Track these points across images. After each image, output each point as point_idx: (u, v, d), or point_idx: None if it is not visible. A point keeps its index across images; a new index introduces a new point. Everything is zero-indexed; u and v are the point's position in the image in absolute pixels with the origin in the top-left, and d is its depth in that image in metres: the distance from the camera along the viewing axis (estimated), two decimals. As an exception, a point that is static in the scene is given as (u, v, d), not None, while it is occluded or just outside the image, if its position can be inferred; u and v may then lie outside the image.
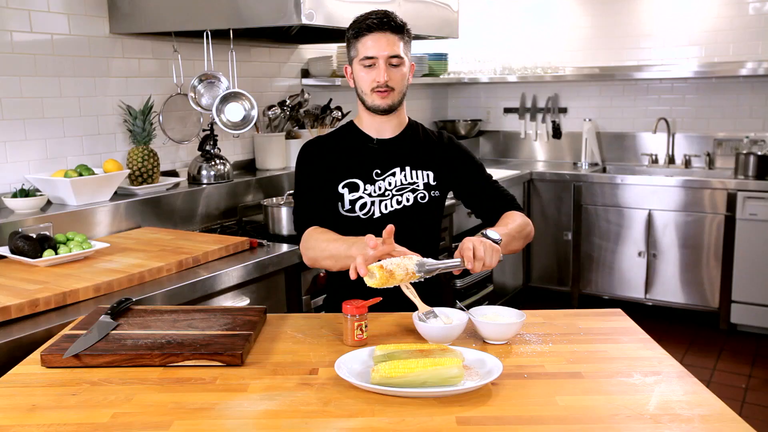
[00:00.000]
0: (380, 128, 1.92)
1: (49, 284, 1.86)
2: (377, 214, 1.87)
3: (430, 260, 1.55)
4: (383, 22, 1.79)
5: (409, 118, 1.99)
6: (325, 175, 1.88)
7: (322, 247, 1.75)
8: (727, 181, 4.12)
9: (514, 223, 1.82)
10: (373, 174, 1.88)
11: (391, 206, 1.88)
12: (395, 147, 1.92)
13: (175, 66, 3.01)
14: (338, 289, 1.96)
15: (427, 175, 1.92)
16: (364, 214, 1.87)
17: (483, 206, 1.97)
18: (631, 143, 4.92)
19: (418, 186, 1.90)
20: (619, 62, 4.85)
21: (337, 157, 1.90)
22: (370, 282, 1.49)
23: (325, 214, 1.87)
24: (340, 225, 1.86)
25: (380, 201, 1.87)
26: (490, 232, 1.68)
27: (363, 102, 1.87)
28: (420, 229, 1.91)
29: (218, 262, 2.25)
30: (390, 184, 1.88)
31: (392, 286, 1.52)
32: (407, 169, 1.91)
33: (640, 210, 4.36)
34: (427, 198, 1.91)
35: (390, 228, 1.56)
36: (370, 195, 1.87)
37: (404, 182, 1.90)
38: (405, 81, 1.85)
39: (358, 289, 1.78)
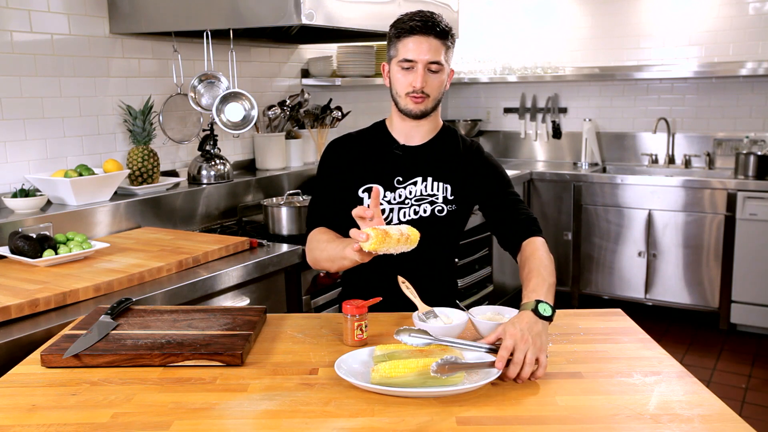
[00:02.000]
0: (410, 133, 1.86)
1: (49, 284, 1.86)
2: (395, 222, 1.82)
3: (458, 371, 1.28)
4: (428, 26, 1.71)
5: (444, 123, 1.92)
6: (346, 177, 1.85)
7: (322, 248, 1.74)
8: (727, 181, 4.12)
9: (545, 270, 1.62)
10: (395, 181, 1.83)
11: (409, 215, 1.83)
12: (420, 155, 1.86)
13: (175, 66, 3.01)
14: (353, 285, 1.95)
15: (446, 188, 1.85)
16: None
17: (500, 226, 1.85)
18: (631, 143, 4.92)
19: (437, 198, 1.84)
20: (619, 62, 4.85)
21: (360, 160, 1.85)
22: (367, 245, 1.43)
23: (337, 216, 1.83)
24: (357, 227, 1.85)
25: (399, 209, 1.83)
26: (542, 306, 1.42)
27: (396, 104, 1.81)
28: (436, 242, 1.85)
29: (218, 262, 2.25)
30: (411, 192, 1.83)
31: (391, 253, 1.46)
32: (429, 179, 1.84)
33: (640, 210, 4.36)
34: (445, 211, 1.84)
35: (376, 190, 1.52)
36: (389, 202, 1.82)
37: (424, 193, 1.84)
38: (442, 88, 1.78)
39: (373, 284, 1.78)
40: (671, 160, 4.78)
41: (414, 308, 1.59)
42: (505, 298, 4.49)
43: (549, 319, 1.41)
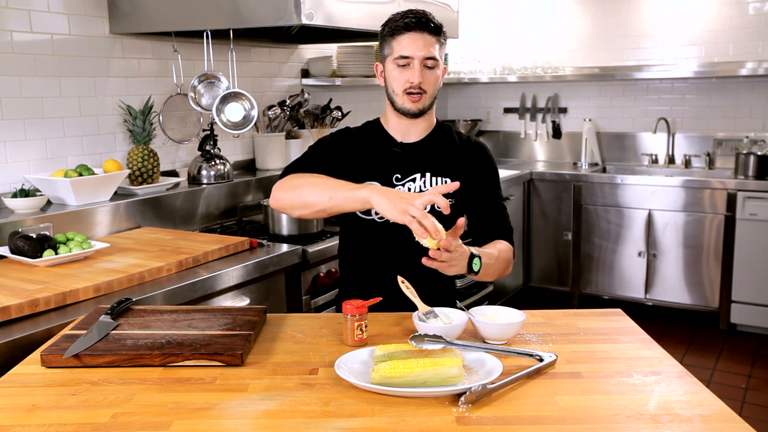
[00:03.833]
0: (406, 131, 1.87)
1: (49, 284, 1.86)
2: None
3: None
4: (422, 22, 1.74)
5: (437, 120, 1.93)
6: (343, 167, 1.84)
7: (313, 182, 1.71)
8: (727, 181, 4.12)
9: (500, 259, 1.77)
10: (393, 179, 1.84)
11: None
12: (418, 152, 1.86)
13: (175, 66, 3.01)
14: (353, 285, 1.94)
15: (445, 182, 1.85)
16: (379, 218, 1.83)
17: (478, 226, 1.89)
18: (631, 143, 4.92)
19: None
20: (619, 62, 4.86)
21: (359, 158, 1.86)
22: (434, 242, 1.52)
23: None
24: (356, 227, 1.85)
25: None
26: (475, 262, 1.64)
27: (392, 102, 1.82)
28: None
29: (218, 262, 2.25)
30: (409, 189, 1.83)
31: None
32: (428, 175, 1.85)
33: (640, 210, 4.37)
34: None
35: (456, 185, 1.60)
36: None
37: (423, 189, 1.84)
38: (438, 84, 1.80)
39: (373, 284, 1.78)
40: (671, 160, 4.78)
41: (414, 308, 1.59)
42: (505, 298, 4.49)
43: (472, 272, 1.65)
